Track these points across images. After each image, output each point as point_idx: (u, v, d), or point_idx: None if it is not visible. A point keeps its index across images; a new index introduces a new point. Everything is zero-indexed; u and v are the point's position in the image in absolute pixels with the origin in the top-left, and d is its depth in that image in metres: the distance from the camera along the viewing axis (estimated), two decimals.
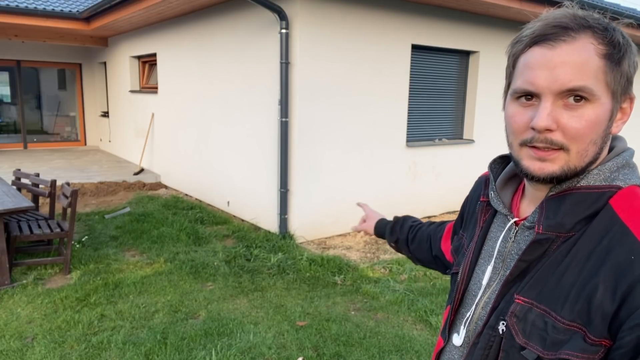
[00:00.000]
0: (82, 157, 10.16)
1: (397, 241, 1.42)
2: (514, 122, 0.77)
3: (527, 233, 0.82)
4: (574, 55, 0.70)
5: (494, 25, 6.73)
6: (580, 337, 0.69)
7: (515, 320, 0.76)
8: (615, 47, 0.72)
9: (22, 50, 10.70)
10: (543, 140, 0.73)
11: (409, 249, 1.39)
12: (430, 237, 1.32)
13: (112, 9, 7.44)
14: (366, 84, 5.66)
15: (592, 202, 0.75)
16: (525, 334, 0.74)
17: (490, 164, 0.95)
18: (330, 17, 5.22)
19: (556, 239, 0.75)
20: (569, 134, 0.72)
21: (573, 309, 0.70)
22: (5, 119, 11.10)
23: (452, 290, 0.98)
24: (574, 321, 0.70)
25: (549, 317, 0.72)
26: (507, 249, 0.84)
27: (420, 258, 1.36)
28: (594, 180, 0.76)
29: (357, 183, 5.79)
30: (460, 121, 6.98)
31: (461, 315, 0.92)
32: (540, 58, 0.72)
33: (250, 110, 5.87)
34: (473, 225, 0.98)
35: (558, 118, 0.72)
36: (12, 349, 3.11)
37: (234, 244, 5.26)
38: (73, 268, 4.41)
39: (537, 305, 0.74)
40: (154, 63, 8.63)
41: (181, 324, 3.48)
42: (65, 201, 4.39)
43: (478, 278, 0.89)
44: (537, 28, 0.74)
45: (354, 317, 3.66)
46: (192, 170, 7.38)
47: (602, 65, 0.71)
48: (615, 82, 0.73)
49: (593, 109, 0.72)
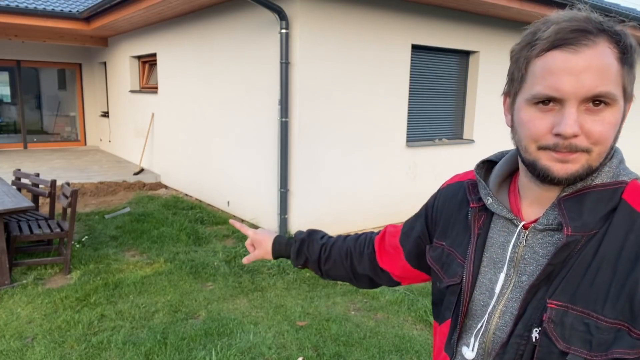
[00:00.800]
0: (82, 157, 10.16)
1: (307, 262, 1.29)
2: (533, 127, 0.75)
3: (540, 236, 0.80)
4: (597, 60, 0.70)
5: (494, 25, 6.73)
6: (625, 333, 0.69)
7: (552, 326, 0.74)
8: (628, 51, 0.73)
9: (22, 50, 10.69)
10: (567, 146, 0.72)
11: (321, 270, 1.28)
12: (350, 255, 1.23)
13: (112, 9, 7.43)
14: (366, 84, 5.66)
15: (608, 199, 0.76)
16: (565, 339, 0.73)
17: (476, 169, 0.93)
18: (330, 17, 5.22)
19: (581, 239, 0.75)
20: (592, 138, 0.72)
21: (615, 306, 0.70)
22: (5, 119, 11.10)
23: (449, 303, 0.93)
24: (617, 319, 0.70)
25: (590, 318, 0.71)
26: (518, 254, 0.82)
27: (336, 276, 1.27)
28: (606, 177, 0.77)
29: (357, 183, 5.79)
30: (460, 121, 6.98)
31: (468, 327, 0.89)
32: (563, 63, 0.71)
33: (250, 110, 5.87)
34: (461, 234, 0.93)
35: (582, 123, 0.72)
36: (12, 349, 3.11)
37: (234, 244, 5.26)
38: (73, 268, 4.41)
39: (573, 308, 0.73)
40: (154, 63, 8.63)
41: (181, 324, 3.48)
42: (65, 201, 4.39)
43: (485, 287, 0.86)
44: (554, 31, 0.72)
45: (354, 317, 3.66)
46: (192, 170, 7.38)
47: (620, 69, 0.72)
48: (629, 85, 0.74)
49: (612, 112, 0.72)
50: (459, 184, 0.99)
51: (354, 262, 1.22)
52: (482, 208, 0.90)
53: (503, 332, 0.81)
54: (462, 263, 0.91)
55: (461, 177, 1.01)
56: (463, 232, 0.93)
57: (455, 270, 0.92)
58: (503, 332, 0.81)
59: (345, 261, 1.23)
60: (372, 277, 1.20)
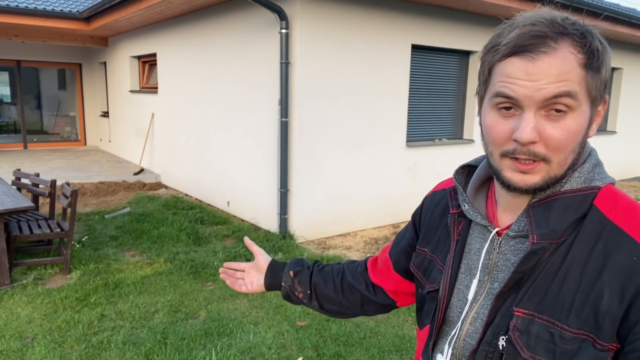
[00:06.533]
0: (82, 157, 10.16)
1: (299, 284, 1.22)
2: (495, 133, 0.75)
3: (513, 242, 0.79)
4: (556, 66, 0.69)
5: (494, 26, 6.58)
6: (590, 344, 0.68)
7: (518, 334, 0.73)
8: (594, 55, 0.71)
9: (22, 50, 10.70)
10: (525, 152, 0.72)
11: (316, 294, 1.21)
12: (343, 271, 1.20)
13: (112, 9, 7.44)
14: (366, 84, 5.66)
15: (578, 206, 0.74)
16: (530, 348, 0.72)
17: (454, 175, 0.92)
18: (331, 17, 5.23)
19: (549, 246, 0.74)
20: (551, 145, 0.71)
21: (579, 316, 0.69)
22: (5, 119, 11.10)
23: (429, 309, 0.93)
24: (582, 329, 0.69)
25: (555, 327, 0.71)
26: (492, 260, 0.81)
27: (327, 299, 1.20)
28: (576, 183, 0.76)
29: (357, 183, 5.79)
30: (460, 121, 6.98)
31: (444, 333, 0.89)
32: (520, 70, 0.71)
33: (250, 110, 5.87)
34: (443, 240, 0.93)
35: (541, 130, 0.71)
36: (12, 349, 3.11)
37: (234, 244, 5.26)
38: (73, 268, 4.41)
39: (539, 316, 0.72)
40: (154, 63, 8.63)
41: (181, 324, 3.48)
42: (65, 201, 4.39)
43: (462, 294, 0.86)
44: (514, 36, 0.72)
45: (354, 317, 3.65)
46: (192, 170, 7.38)
47: (584, 74, 0.70)
48: (595, 90, 0.72)
49: (574, 118, 0.71)
50: (443, 192, 0.99)
51: (345, 276, 1.18)
52: (461, 214, 0.89)
53: (473, 339, 0.81)
54: (442, 269, 0.91)
55: (445, 184, 1.01)
56: (444, 239, 0.93)
57: (436, 276, 0.92)
58: (473, 338, 0.81)
59: (336, 277, 1.19)
60: (365, 294, 1.15)
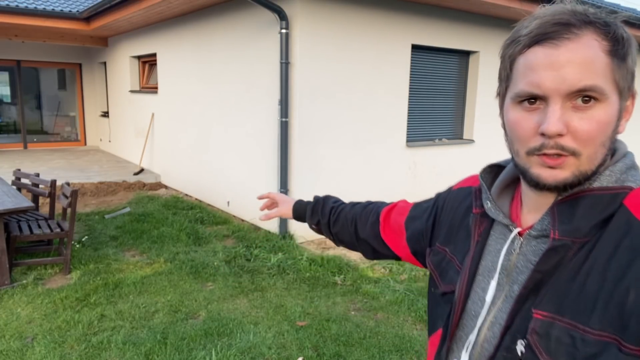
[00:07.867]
0: (82, 157, 10.16)
1: (319, 223, 1.36)
2: (520, 129, 0.72)
3: (534, 243, 0.76)
4: (580, 53, 0.66)
5: (494, 25, 6.73)
6: (615, 347, 0.63)
7: (536, 338, 0.69)
8: (619, 43, 0.68)
9: (22, 50, 10.70)
10: (554, 146, 0.68)
11: (331, 232, 1.33)
12: (355, 221, 1.26)
13: (112, 9, 7.44)
14: (366, 84, 5.66)
15: (606, 204, 0.70)
16: (550, 352, 0.67)
17: (480, 174, 0.88)
18: (331, 17, 5.23)
19: (572, 245, 0.70)
20: (580, 138, 0.67)
21: (603, 317, 0.64)
22: (5, 119, 11.10)
23: (442, 312, 0.89)
24: (605, 330, 0.64)
25: (576, 330, 0.66)
26: (512, 261, 0.78)
27: (343, 240, 1.31)
28: (607, 181, 0.72)
29: (357, 183, 5.79)
30: (460, 121, 6.98)
31: (459, 339, 0.84)
32: (544, 58, 0.67)
33: (250, 110, 5.87)
34: (463, 240, 0.90)
35: (568, 121, 0.67)
36: (12, 349, 3.11)
37: (234, 244, 5.26)
38: (73, 268, 4.41)
39: (560, 319, 0.68)
40: (154, 63, 8.63)
41: (181, 324, 3.48)
42: (65, 201, 4.39)
43: (478, 297, 0.82)
44: (535, 26, 0.69)
45: (354, 317, 3.66)
46: (192, 170, 7.38)
47: (609, 62, 0.67)
48: (622, 79, 0.69)
49: (603, 109, 0.67)
50: (469, 189, 0.96)
51: (357, 227, 1.24)
52: (484, 214, 0.86)
53: (491, 345, 0.77)
54: (459, 270, 0.87)
55: (472, 182, 0.98)
56: (464, 239, 0.90)
57: (452, 277, 0.89)
58: (491, 344, 0.77)
59: (350, 227, 1.26)
60: (374, 246, 1.20)
